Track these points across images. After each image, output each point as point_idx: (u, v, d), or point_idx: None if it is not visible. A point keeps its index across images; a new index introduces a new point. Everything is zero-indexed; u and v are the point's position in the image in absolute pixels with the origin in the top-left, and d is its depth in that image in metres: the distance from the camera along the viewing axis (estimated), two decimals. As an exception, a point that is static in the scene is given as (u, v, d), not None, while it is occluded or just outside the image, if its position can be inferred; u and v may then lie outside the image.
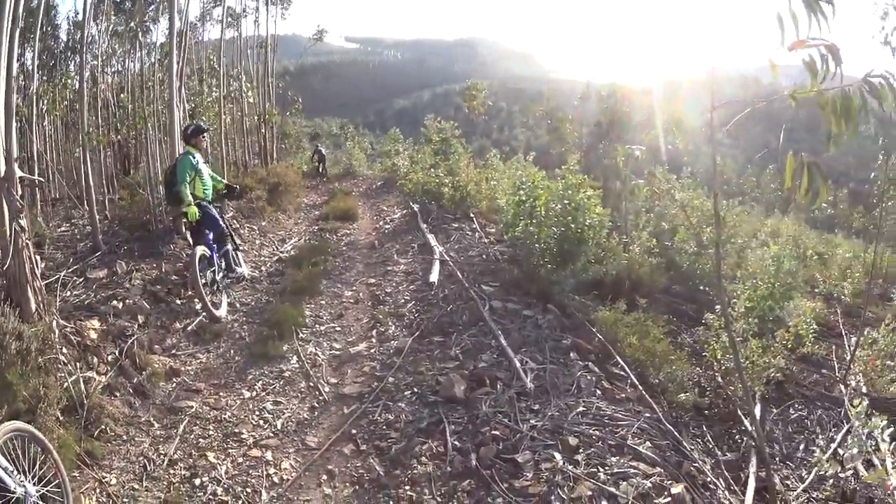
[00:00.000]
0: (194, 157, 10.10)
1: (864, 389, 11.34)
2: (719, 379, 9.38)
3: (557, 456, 5.76)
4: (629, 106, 15.07)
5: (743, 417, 8.60)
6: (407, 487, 5.59)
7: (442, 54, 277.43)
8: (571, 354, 8.28)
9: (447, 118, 23.65)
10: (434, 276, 10.98)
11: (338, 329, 9.81)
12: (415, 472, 5.75)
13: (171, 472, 5.91)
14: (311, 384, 7.83)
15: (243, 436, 6.59)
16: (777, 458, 8.50)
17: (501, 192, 14.92)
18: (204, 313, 9.61)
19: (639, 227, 15.02)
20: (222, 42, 23.19)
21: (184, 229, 11.13)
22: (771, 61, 4.20)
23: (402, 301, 10.62)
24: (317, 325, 9.92)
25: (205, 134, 10.80)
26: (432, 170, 18.33)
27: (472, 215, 16.19)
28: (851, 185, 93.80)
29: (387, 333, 9.30)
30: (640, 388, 7.95)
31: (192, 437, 6.55)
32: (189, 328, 9.35)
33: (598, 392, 7.42)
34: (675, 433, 7.12)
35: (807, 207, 41.20)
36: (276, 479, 5.89)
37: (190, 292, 10.17)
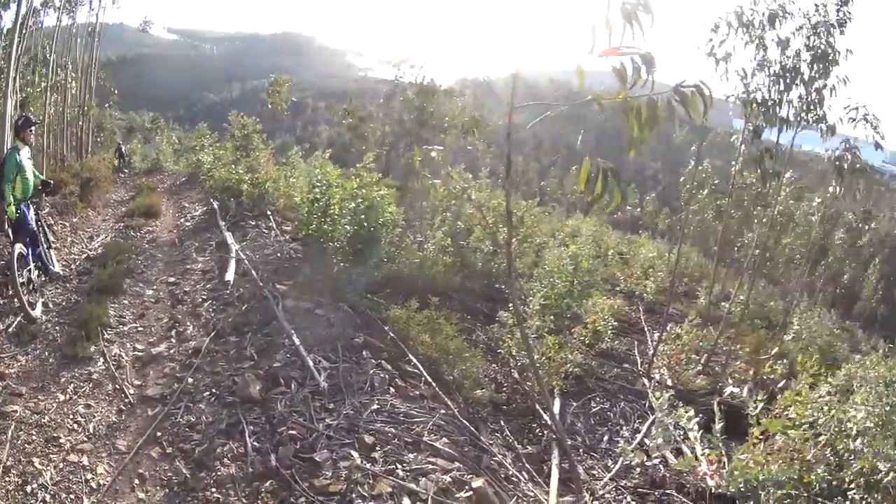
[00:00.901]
0: (19, 154, 9.85)
1: (668, 382, 12.01)
2: (516, 375, 9.75)
3: (355, 454, 6.00)
4: (433, 106, 15.30)
5: (542, 411, 8.94)
6: (213, 489, 5.67)
7: (257, 49, 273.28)
8: (364, 353, 8.52)
9: (255, 114, 23.55)
10: (230, 275, 11.01)
11: (140, 329, 9.71)
12: (219, 473, 5.84)
13: (7, 479, 5.80)
14: (117, 386, 7.76)
15: (61, 440, 6.50)
16: (581, 450, 8.94)
17: (299, 190, 14.98)
18: (21, 314, 9.35)
19: (434, 227, 15.35)
20: (58, 29, 22.47)
21: (6, 227, 10.90)
22: (579, 67, 4.50)
23: (200, 300, 10.61)
24: (120, 326, 9.77)
25: (33, 127, 10.51)
26: (233, 166, 18.25)
27: (268, 213, 16.26)
28: (659, 189, 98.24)
29: (185, 333, 9.30)
30: (434, 385, 8.25)
31: (19, 442, 6.41)
32: (10, 329, 9.08)
33: (392, 390, 7.70)
34: (472, 429, 7.49)
35: (608, 209, 42.84)
36: (93, 485, 5.85)
37: (10, 292, 9.93)
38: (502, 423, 8.75)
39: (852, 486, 6.81)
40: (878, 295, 75.65)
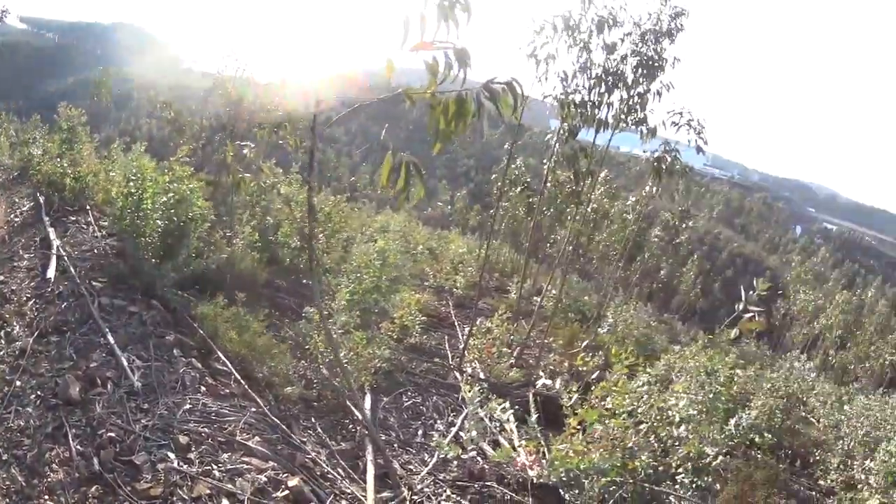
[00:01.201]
0: None
1: (481, 375, 12.54)
2: (325, 371, 9.97)
3: (172, 455, 6.25)
4: (250, 101, 15.32)
5: (353, 408, 9.23)
6: (46, 497, 5.76)
7: (95, 39, 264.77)
8: (175, 351, 8.70)
9: (86, 105, 22.98)
10: (51, 272, 10.93)
11: (-25, 331, 9.59)
12: (50, 480, 5.92)
13: None
14: (-41, 392, 7.71)
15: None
16: (396, 445, 9.29)
17: (116, 184, 14.87)
18: None
19: (243, 222, 15.44)
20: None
21: None
22: (389, 61, 4.53)
23: (25, 299, 10.41)
24: (-42, 328, 9.63)
25: None
26: (59, 159, 17.93)
27: (88, 208, 16.07)
28: (471, 186, 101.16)
29: (13, 333, 9.11)
30: (244, 382, 8.52)
31: None
32: None
33: (203, 388, 7.96)
34: (284, 427, 7.84)
35: (412, 204, 43.51)
36: (-56, 497, 5.90)
37: None
38: (314, 420, 8.99)
39: (679, 470, 7.39)
40: (696, 289, 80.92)
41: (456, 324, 16.78)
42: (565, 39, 13.29)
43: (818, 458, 16.12)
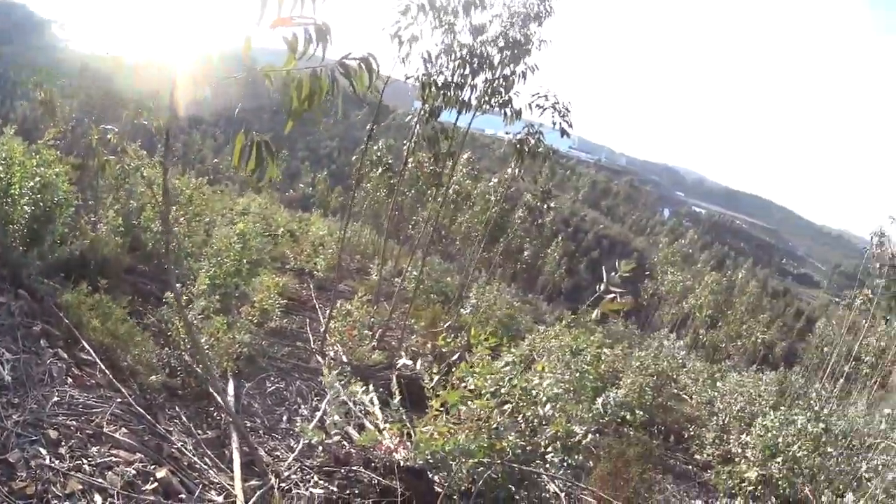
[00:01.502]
0: None
1: (344, 358, 12.80)
2: (187, 358, 9.97)
3: (43, 451, 6.27)
4: (119, 81, 15.15)
5: (216, 395, 9.18)
6: None
7: None
8: (42, 342, 8.60)
9: None
10: None
11: None
12: None
13: None
14: None
15: None
16: (261, 431, 9.49)
17: None
18: None
19: (107, 206, 15.13)
20: None
21: None
22: (246, 39, 4.59)
23: None
24: None
25: None
26: None
27: None
28: (333, 168, 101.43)
29: None
30: (108, 372, 8.50)
31: None
32: None
33: (70, 380, 7.93)
34: (150, 417, 7.91)
35: (265, 184, 43.58)
36: None
37: None
38: (178, 408, 9.03)
39: (549, 449, 7.72)
40: (560, 270, 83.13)
41: (317, 307, 17.02)
42: (431, 20, 13.60)
43: (692, 433, 17.16)
